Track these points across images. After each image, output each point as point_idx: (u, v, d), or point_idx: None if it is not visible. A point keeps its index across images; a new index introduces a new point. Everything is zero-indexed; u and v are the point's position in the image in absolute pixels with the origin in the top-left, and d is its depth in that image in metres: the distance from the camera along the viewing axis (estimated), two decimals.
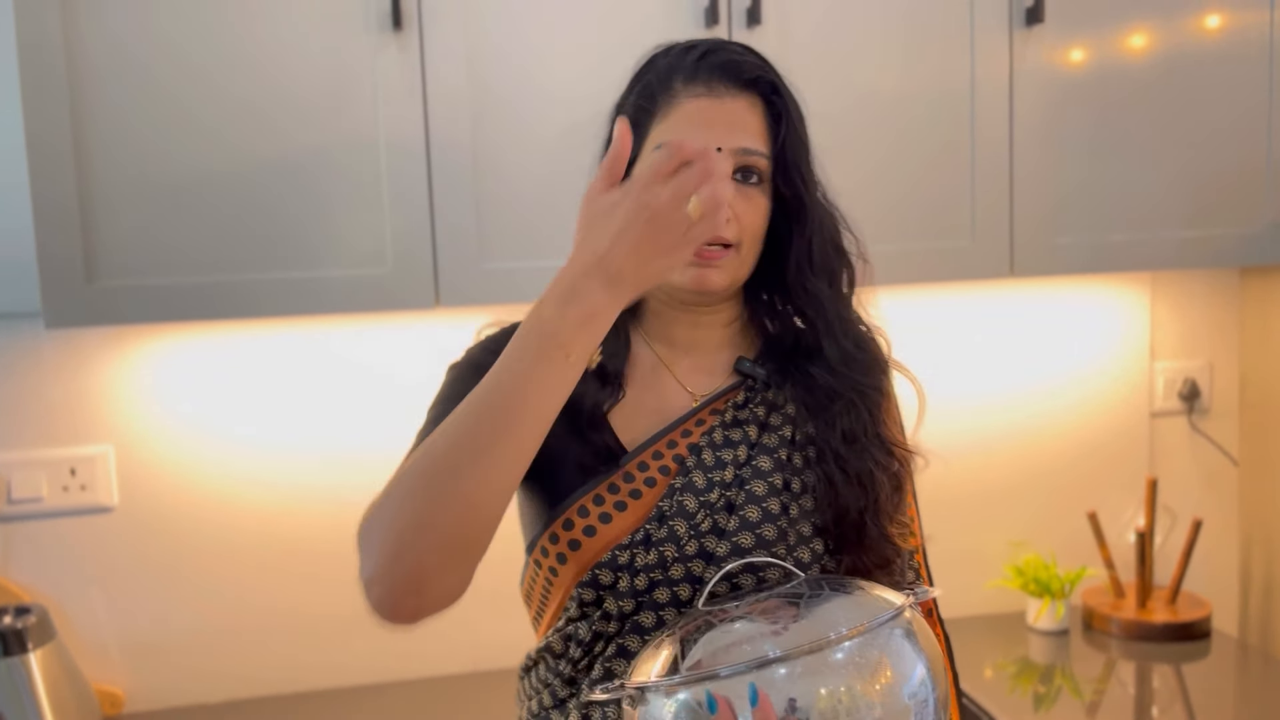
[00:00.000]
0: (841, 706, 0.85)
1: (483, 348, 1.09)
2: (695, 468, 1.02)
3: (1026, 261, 1.66)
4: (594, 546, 1.01)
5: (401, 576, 0.83)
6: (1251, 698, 1.80)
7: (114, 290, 1.39)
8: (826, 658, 0.85)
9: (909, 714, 0.87)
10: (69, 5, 1.35)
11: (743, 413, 1.06)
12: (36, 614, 1.59)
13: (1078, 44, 1.65)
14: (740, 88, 1.01)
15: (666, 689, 0.87)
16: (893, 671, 0.87)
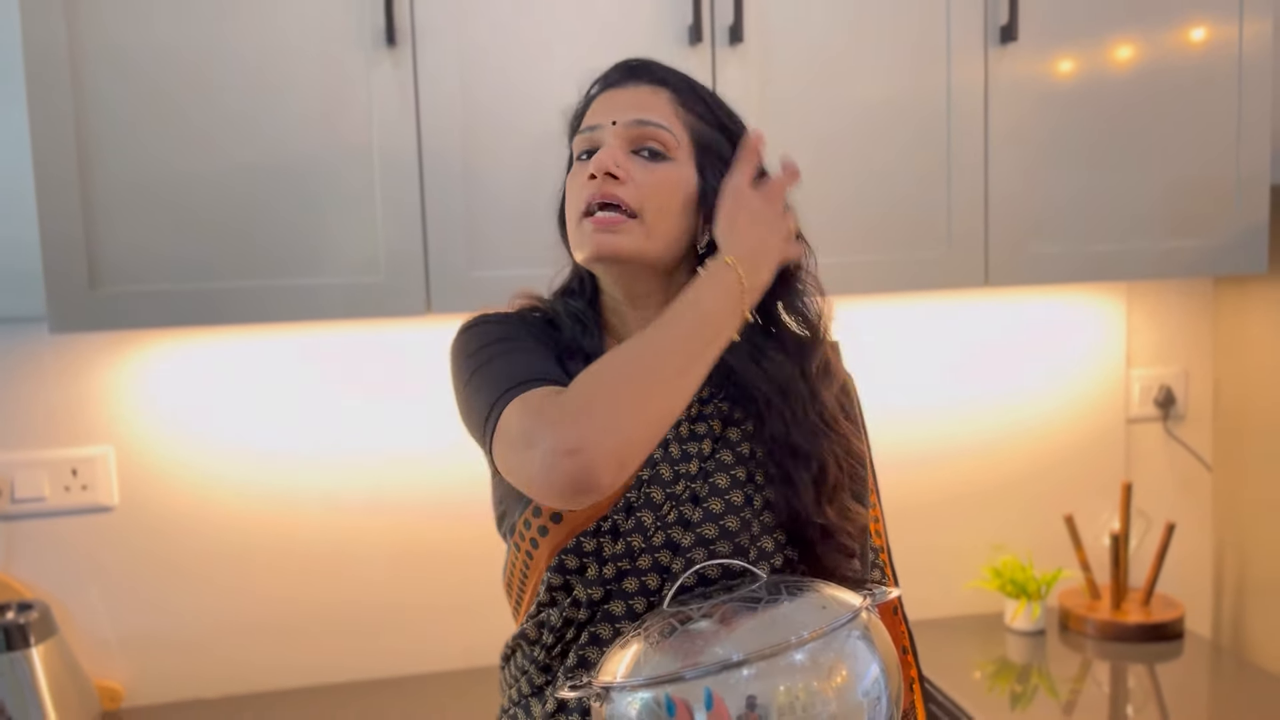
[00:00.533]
0: (799, 704, 0.89)
1: (523, 317, 1.12)
2: (662, 461, 1.06)
3: (1001, 271, 1.71)
4: (561, 532, 1.05)
5: (613, 447, 0.87)
6: (1224, 698, 1.84)
7: (116, 296, 1.43)
8: (786, 659, 0.89)
9: (862, 710, 0.91)
10: (73, 21, 1.39)
11: (707, 408, 1.09)
12: (39, 610, 1.63)
13: (1050, 61, 1.69)
14: (643, 81, 1.08)
15: (631, 688, 0.90)
16: (848, 671, 0.91)
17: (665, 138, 1.05)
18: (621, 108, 1.06)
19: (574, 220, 1.06)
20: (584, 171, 1.05)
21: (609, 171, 1.02)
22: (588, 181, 1.04)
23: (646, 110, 1.05)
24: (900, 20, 1.63)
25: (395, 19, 1.45)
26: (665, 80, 1.09)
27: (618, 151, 1.04)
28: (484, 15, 1.49)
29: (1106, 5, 1.70)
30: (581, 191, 1.04)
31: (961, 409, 2.07)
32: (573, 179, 1.08)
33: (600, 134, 1.06)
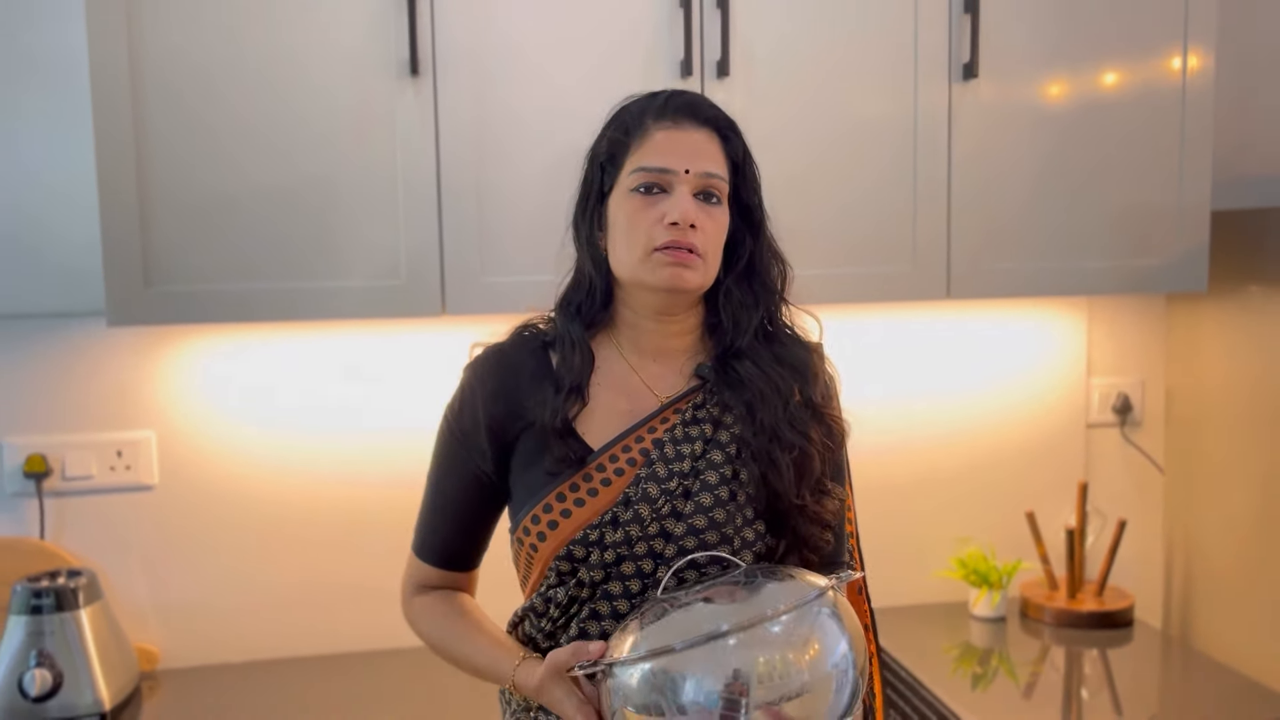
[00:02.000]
0: (776, 673, 0.99)
1: (456, 405, 1.29)
2: (658, 460, 1.19)
3: (962, 285, 1.86)
4: (569, 528, 1.18)
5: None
6: (1170, 681, 1.98)
7: (168, 294, 1.61)
8: (764, 632, 1.00)
9: (831, 681, 1.02)
10: (134, 47, 1.57)
11: (701, 412, 1.22)
12: (86, 576, 1.80)
13: (1007, 94, 1.85)
14: (700, 123, 1.20)
15: (630, 663, 1.03)
16: (820, 646, 1.02)
17: (722, 187, 1.20)
18: (690, 155, 1.17)
19: (642, 251, 1.17)
20: (652, 206, 1.17)
21: (692, 223, 1.15)
22: (662, 223, 1.16)
23: (711, 161, 1.18)
24: (872, 57, 1.79)
25: (419, 52, 1.63)
26: (714, 122, 1.21)
27: (692, 203, 1.16)
28: (496, 49, 1.67)
29: (1060, 42, 1.86)
30: (653, 228, 1.16)
31: (932, 412, 2.22)
32: (639, 209, 1.18)
33: (672, 179, 1.17)
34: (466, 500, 1.29)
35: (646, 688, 1.02)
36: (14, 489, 1.90)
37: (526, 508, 1.21)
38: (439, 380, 1.95)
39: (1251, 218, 2.05)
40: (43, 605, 1.74)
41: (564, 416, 1.21)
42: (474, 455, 1.26)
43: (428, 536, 1.32)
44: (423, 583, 1.34)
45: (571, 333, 1.25)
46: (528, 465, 1.23)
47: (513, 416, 1.23)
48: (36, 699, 1.71)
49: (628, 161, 1.19)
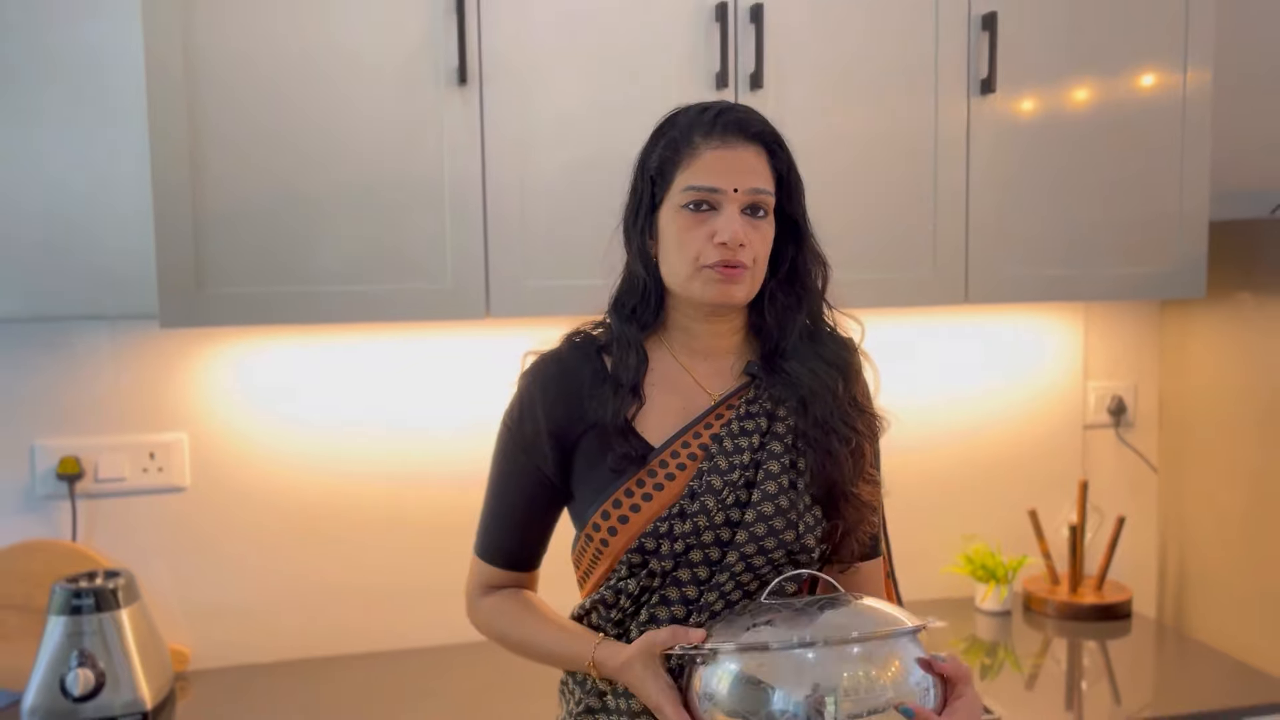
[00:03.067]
0: (860, 688, 1.07)
1: (515, 411, 1.33)
2: (719, 454, 1.25)
3: (980, 290, 1.94)
4: (639, 521, 1.23)
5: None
6: (1166, 669, 2.08)
7: (220, 297, 1.64)
8: (848, 651, 1.08)
9: (915, 698, 1.09)
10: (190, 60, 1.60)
11: (754, 407, 1.28)
12: (125, 577, 1.81)
13: (1022, 109, 1.94)
14: (748, 140, 1.24)
15: (729, 653, 1.10)
16: (900, 665, 1.10)
17: (769, 201, 1.24)
18: (738, 174, 1.21)
19: (690, 267, 1.23)
20: (701, 224, 1.22)
21: (741, 242, 1.20)
22: (711, 240, 1.21)
23: (758, 178, 1.23)
24: (895, 72, 1.87)
25: (467, 62, 1.67)
26: (761, 137, 1.25)
27: (740, 221, 1.21)
28: (540, 59, 1.72)
29: (1071, 61, 1.95)
30: (703, 246, 1.21)
31: (940, 414, 2.31)
32: (689, 226, 1.22)
33: (720, 198, 1.21)
34: (529, 503, 1.33)
35: (736, 694, 1.09)
36: (46, 491, 1.91)
37: (594, 505, 1.26)
38: (481, 382, 2.03)
39: (1245, 228, 2.16)
40: (82, 605, 1.75)
41: (624, 416, 1.26)
42: (536, 460, 1.30)
43: (492, 539, 1.36)
44: (488, 584, 1.38)
45: (627, 334, 1.30)
46: (591, 465, 1.28)
47: (573, 420, 1.28)
48: (79, 699, 1.72)
49: (678, 178, 1.23)
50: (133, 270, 1.87)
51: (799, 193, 1.29)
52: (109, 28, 1.86)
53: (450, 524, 2.05)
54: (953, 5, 1.87)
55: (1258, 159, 2.38)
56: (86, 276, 1.88)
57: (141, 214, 1.88)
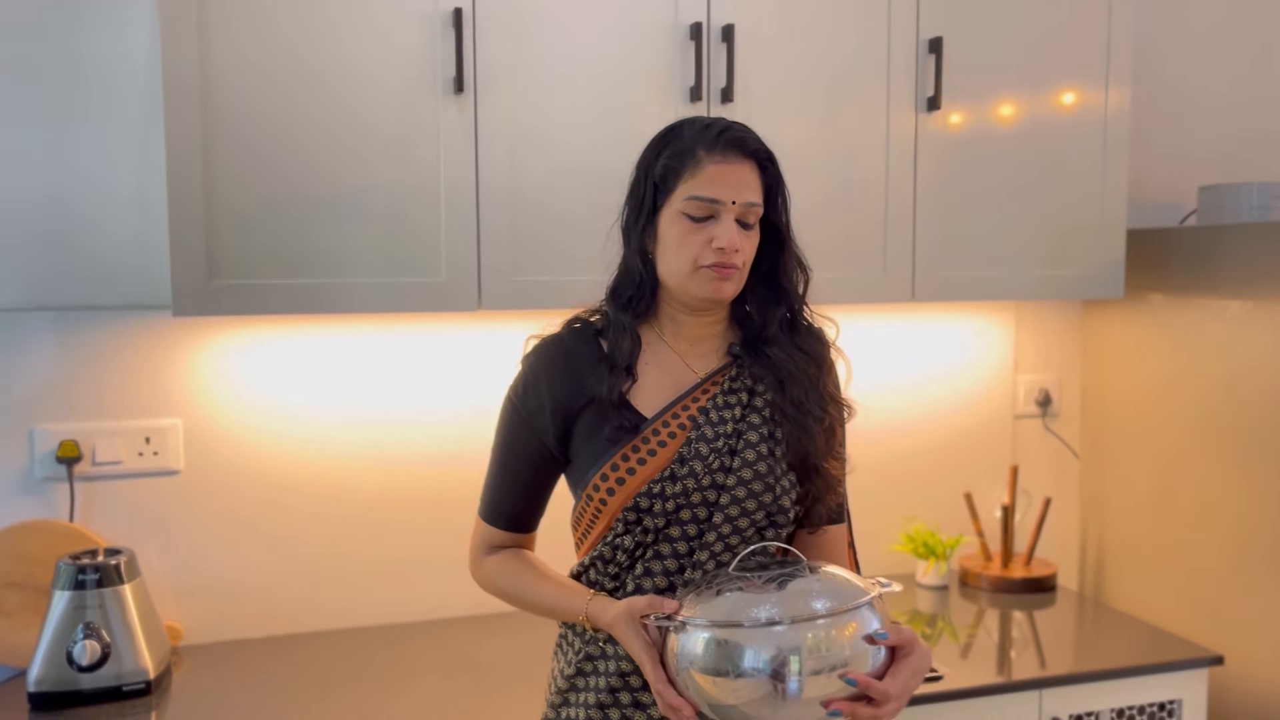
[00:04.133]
0: (821, 647, 1.20)
1: (520, 388, 1.46)
2: (705, 424, 1.40)
3: (925, 290, 2.12)
4: (634, 483, 1.37)
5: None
6: (1087, 634, 2.26)
7: (229, 287, 1.74)
8: (815, 620, 1.21)
9: (869, 653, 1.22)
10: (204, 60, 1.70)
11: (735, 383, 1.43)
12: (126, 555, 1.89)
13: (965, 125, 2.13)
14: (745, 156, 1.38)
15: (699, 627, 1.23)
16: (857, 626, 1.22)
17: (759, 213, 1.39)
18: (736, 187, 1.36)
19: (689, 267, 1.37)
20: (700, 230, 1.36)
21: (736, 248, 1.35)
22: (709, 245, 1.35)
23: (752, 192, 1.38)
24: (851, 90, 2.04)
25: (463, 72, 1.80)
26: (756, 154, 1.39)
27: (735, 229, 1.36)
28: (530, 70, 1.85)
29: (1007, 81, 2.14)
30: (702, 250, 1.36)
31: (885, 405, 2.49)
32: (689, 231, 1.36)
33: (719, 208, 1.35)
34: (531, 471, 1.48)
35: (711, 653, 1.22)
36: (45, 473, 1.98)
37: (594, 470, 1.40)
38: (472, 370, 2.16)
39: (1159, 235, 2.38)
40: (86, 581, 1.83)
41: (619, 391, 1.40)
42: (538, 432, 1.44)
43: (495, 504, 1.50)
44: (491, 544, 1.51)
45: (622, 320, 1.44)
46: (590, 436, 1.42)
47: (574, 396, 1.42)
48: (85, 668, 1.80)
49: (680, 186, 1.37)
50: (131, 262, 1.97)
51: (785, 204, 1.44)
52: (113, 31, 1.95)
53: (439, 504, 2.18)
54: (903, 30, 2.05)
55: (1171, 171, 2.61)
56: (87, 268, 1.96)
57: (141, 209, 1.98)
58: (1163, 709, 2.06)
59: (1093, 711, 2.01)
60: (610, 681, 1.39)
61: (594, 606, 1.38)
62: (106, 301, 1.97)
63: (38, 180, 1.94)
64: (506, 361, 1.51)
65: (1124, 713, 2.03)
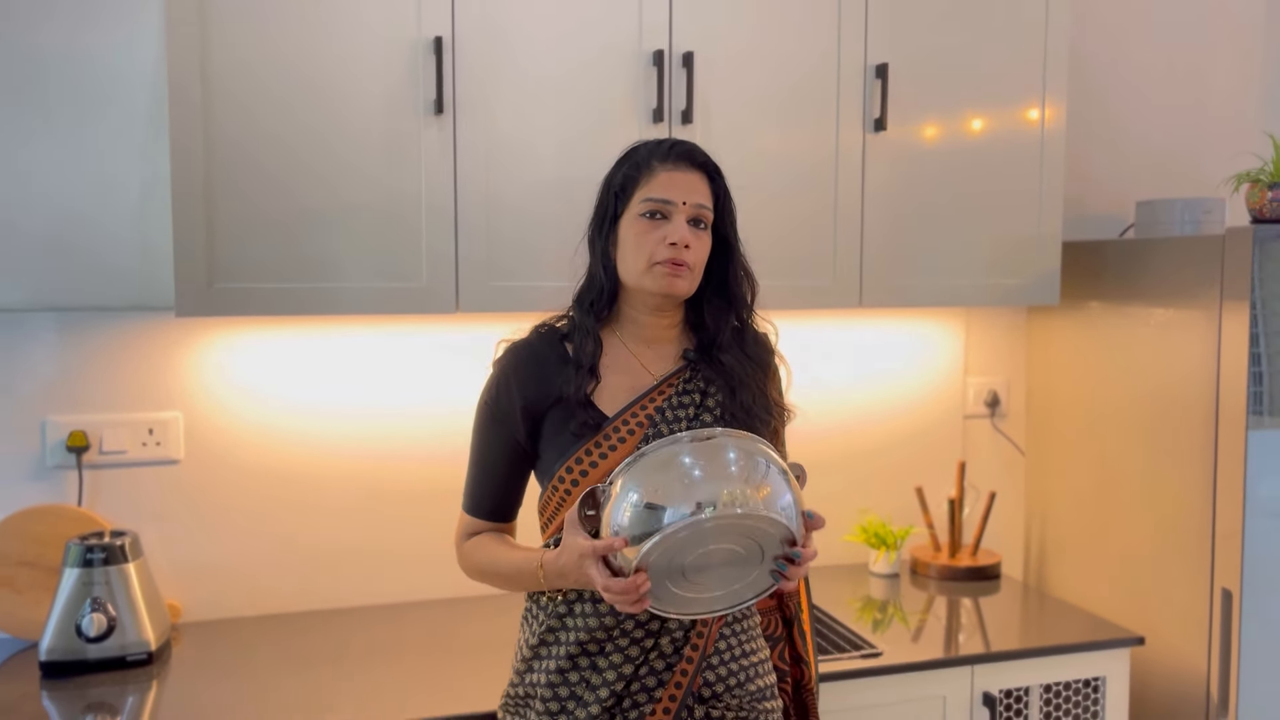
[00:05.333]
0: (736, 501, 1.31)
1: (493, 390, 1.58)
2: (661, 423, 1.53)
3: (872, 297, 2.28)
4: (595, 476, 1.50)
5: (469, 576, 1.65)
6: (1030, 620, 2.40)
7: (228, 291, 1.90)
8: (727, 468, 1.33)
9: (783, 518, 1.35)
10: (206, 74, 1.86)
11: (689, 385, 1.56)
12: (130, 536, 2.06)
13: (909, 145, 2.28)
14: (694, 167, 1.54)
15: (618, 488, 1.35)
16: (771, 489, 1.36)
17: (708, 216, 1.54)
18: (686, 190, 1.51)
19: (645, 263, 1.50)
20: (656, 229, 1.50)
21: (686, 244, 1.49)
22: (663, 242, 1.49)
23: (702, 196, 1.53)
24: (803, 111, 2.20)
25: (443, 94, 1.96)
26: (704, 166, 1.55)
27: (686, 228, 1.50)
28: (504, 92, 2.01)
29: (948, 103, 2.30)
30: (656, 246, 1.49)
31: (841, 404, 2.65)
32: (645, 230, 1.50)
33: (671, 209, 1.50)
34: (506, 466, 1.61)
35: (636, 518, 1.34)
36: (55, 462, 2.14)
37: (560, 462, 1.53)
38: (450, 368, 2.33)
39: (1096, 247, 2.54)
40: (94, 559, 1.99)
41: (584, 391, 1.53)
42: (510, 429, 1.57)
43: (475, 497, 1.63)
44: (473, 533, 1.65)
45: (586, 324, 1.57)
46: (556, 432, 1.55)
47: (542, 396, 1.55)
48: (93, 639, 1.96)
49: (637, 193, 1.53)
50: (135, 266, 2.13)
51: (731, 214, 1.59)
52: (114, 41, 2.11)
53: (420, 494, 2.34)
54: (851, 56, 2.22)
55: (1113, 187, 2.78)
56: (94, 271, 2.13)
57: (145, 216, 2.14)
58: (1088, 685, 2.22)
59: (1023, 686, 2.17)
60: (569, 649, 1.53)
61: (547, 555, 1.49)
62: (112, 303, 2.13)
63: (48, 188, 2.11)
64: (483, 360, 1.64)
65: (1051, 687, 2.19)
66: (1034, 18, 2.35)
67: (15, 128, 2.09)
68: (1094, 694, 2.22)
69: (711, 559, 1.37)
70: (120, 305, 2.14)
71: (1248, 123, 2.88)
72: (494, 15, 1.99)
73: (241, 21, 1.87)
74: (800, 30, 2.19)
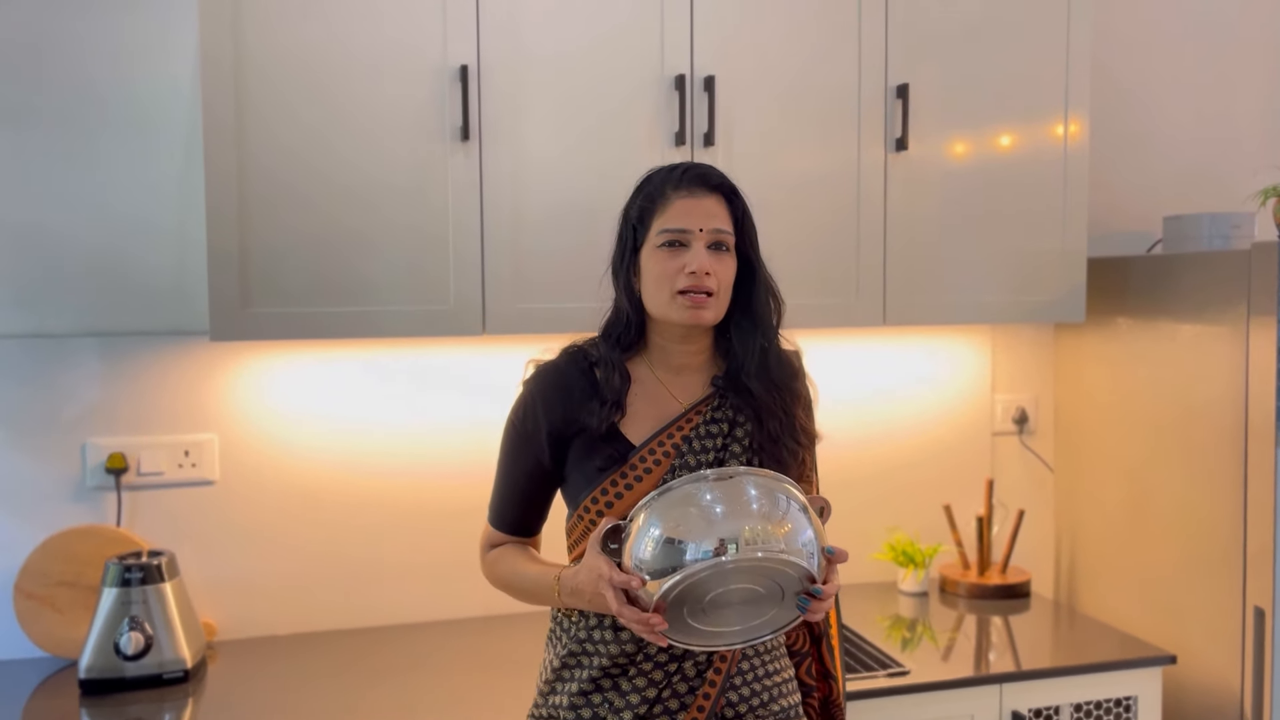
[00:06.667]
0: (758, 538, 1.31)
1: (520, 410, 1.57)
2: (688, 452, 1.50)
3: (896, 314, 2.29)
4: (621, 507, 1.48)
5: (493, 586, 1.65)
6: (1060, 639, 2.39)
7: (262, 315, 1.94)
8: (748, 505, 1.32)
9: (803, 555, 1.33)
10: (241, 108, 1.91)
11: (718, 414, 1.53)
12: (167, 556, 2.10)
13: (931, 163, 2.29)
14: (710, 190, 1.50)
15: (640, 522, 1.34)
16: (791, 526, 1.35)
17: (729, 239, 1.50)
18: (704, 216, 1.48)
19: (668, 294, 1.47)
20: (675, 258, 1.47)
21: (707, 272, 1.46)
22: (683, 271, 1.46)
23: (719, 220, 1.49)
24: (825, 130, 2.22)
25: (469, 121, 2.00)
26: (721, 188, 1.51)
27: (706, 255, 1.46)
28: (528, 121, 2.05)
29: (970, 122, 2.31)
30: (676, 276, 1.47)
31: (869, 423, 2.65)
32: (665, 261, 1.48)
33: (689, 236, 1.47)
34: (530, 484, 1.59)
35: (659, 553, 1.33)
36: (95, 483, 2.19)
37: (585, 493, 1.51)
38: (477, 390, 2.36)
39: (1122, 264, 2.53)
40: (131, 579, 2.03)
41: (609, 424, 1.51)
42: (535, 452, 1.55)
43: (499, 511, 1.64)
44: (495, 544, 1.66)
45: (612, 359, 1.54)
46: (581, 459, 1.53)
47: (568, 422, 1.53)
48: (130, 657, 2.00)
49: (654, 223, 1.50)
50: (172, 292, 2.19)
51: (752, 234, 1.55)
52: (150, 74, 2.18)
53: (450, 512, 2.37)
54: (872, 77, 2.24)
55: (1141, 202, 2.77)
56: (132, 297, 2.19)
57: (181, 243, 2.20)
58: (1119, 704, 2.20)
59: (1053, 706, 2.16)
60: (592, 673, 1.53)
61: (566, 572, 1.48)
62: (150, 327, 2.19)
63: (87, 218, 2.17)
64: (511, 379, 1.64)
65: (1082, 706, 2.18)
66: (1055, 32, 2.36)
67: (67, 154, 2.15)
68: (1125, 713, 2.21)
69: (731, 597, 1.36)
70: (158, 330, 2.19)
71: (1274, 136, 2.86)
72: (518, 43, 2.03)
73: (272, 49, 1.92)
74: (821, 52, 2.21)
